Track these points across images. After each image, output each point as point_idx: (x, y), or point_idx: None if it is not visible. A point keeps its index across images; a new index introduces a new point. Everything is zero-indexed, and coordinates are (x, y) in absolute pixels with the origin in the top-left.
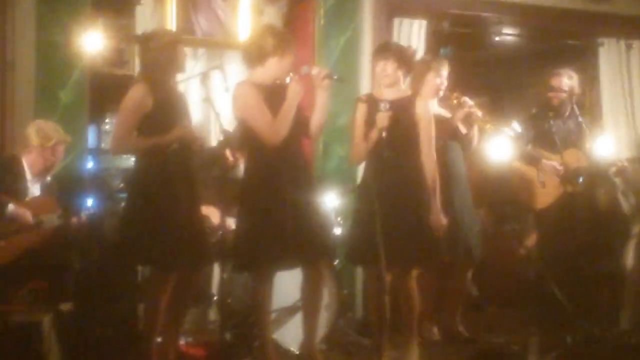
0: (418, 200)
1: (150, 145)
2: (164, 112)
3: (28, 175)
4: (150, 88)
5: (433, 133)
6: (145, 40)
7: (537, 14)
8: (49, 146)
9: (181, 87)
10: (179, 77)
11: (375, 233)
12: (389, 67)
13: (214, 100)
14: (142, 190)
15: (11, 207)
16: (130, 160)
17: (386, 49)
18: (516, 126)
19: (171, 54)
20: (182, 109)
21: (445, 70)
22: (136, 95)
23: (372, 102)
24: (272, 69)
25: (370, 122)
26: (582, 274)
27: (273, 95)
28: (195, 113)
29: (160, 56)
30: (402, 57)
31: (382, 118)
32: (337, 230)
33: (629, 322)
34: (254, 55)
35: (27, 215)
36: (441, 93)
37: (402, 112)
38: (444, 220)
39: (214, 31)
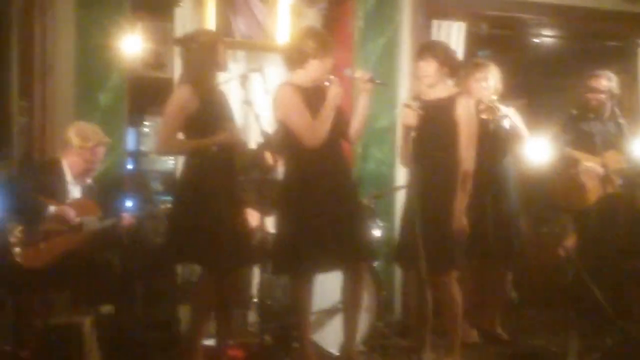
0: (449, 202)
1: (195, 147)
2: (209, 113)
3: (68, 177)
4: (194, 89)
5: (474, 133)
6: (187, 42)
7: (575, 16)
8: (88, 148)
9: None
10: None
11: (414, 235)
12: (429, 68)
13: (253, 102)
14: (186, 191)
15: (52, 209)
16: (168, 163)
17: (426, 49)
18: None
19: (212, 54)
20: (226, 110)
21: (489, 72)
22: (181, 97)
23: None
24: (312, 70)
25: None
26: (622, 276)
27: (313, 97)
28: (235, 115)
29: (202, 57)
30: (443, 57)
31: (412, 118)
32: (377, 232)
33: None
34: (295, 57)
35: (69, 216)
36: (486, 97)
37: (439, 112)
38: (464, 223)
39: (252, 33)
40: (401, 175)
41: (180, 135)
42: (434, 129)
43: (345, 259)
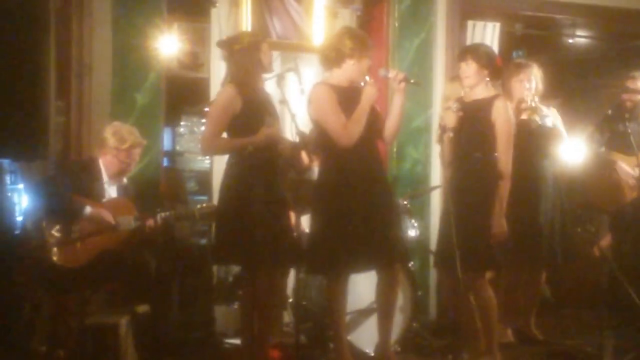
0: (485, 203)
1: (239, 146)
2: (253, 113)
3: (104, 177)
4: (238, 90)
5: (510, 136)
6: (231, 44)
7: (610, 16)
8: (124, 148)
9: None
10: None
11: (451, 235)
12: (469, 69)
13: (289, 101)
14: (227, 191)
15: (88, 208)
16: (204, 163)
17: (467, 51)
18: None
19: (256, 55)
20: (270, 110)
21: (532, 73)
22: (226, 97)
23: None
24: (348, 71)
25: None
26: None
27: (349, 97)
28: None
29: (246, 58)
30: (485, 59)
31: (450, 118)
32: (412, 232)
33: None
34: (331, 57)
35: (107, 216)
36: (529, 97)
37: (477, 113)
38: (504, 226)
39: (288, 33)
40: (436, 175)
41: (225, 135)
42: (471, 130)
43: (380, 260)
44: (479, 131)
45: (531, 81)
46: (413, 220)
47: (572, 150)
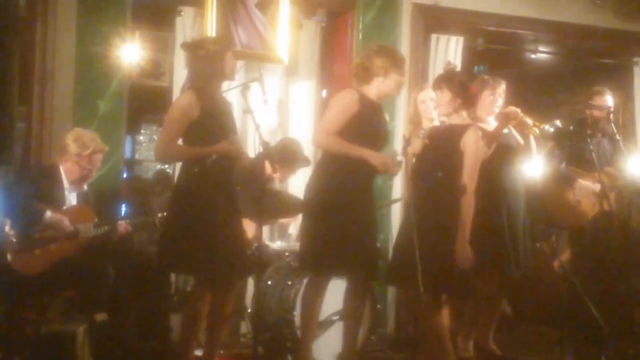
0: (448, 230)
1: (195, 154)
2: (210, 121)
3: (65, 183)
4: (197, 96)
5: (477, 165)
6: (195, 48)
7: (572, 33)
8: (85, 155)
9: None
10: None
11: (411, 251)
12: (443, 97)
13: (253, 111)
14: (183, 200)
15: (48, 214)
16: (164, 171)
17: (442, 79)
18: (558, 123)
19: (219, 64)
20: (229, 119)
21: (501, 89)
22: (184, 103)
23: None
24: (376, 87)
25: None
26: (616, 293)
27: (372, 110)
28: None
29: (208, 65)
30: (457, 87)
31: (415, 145)
32: None
33: None
34: (361, 75)
35: (65, 223)
36: (496, 110)
37: (447, 136)
38: (469, 254)
39: (253, 43)
40: (397, 187)
41: (181, 142)
42: (438, 153)
43: (369, 269)
44: (445, 154)
45: (497, 96)
46: None
47: (533, 165)
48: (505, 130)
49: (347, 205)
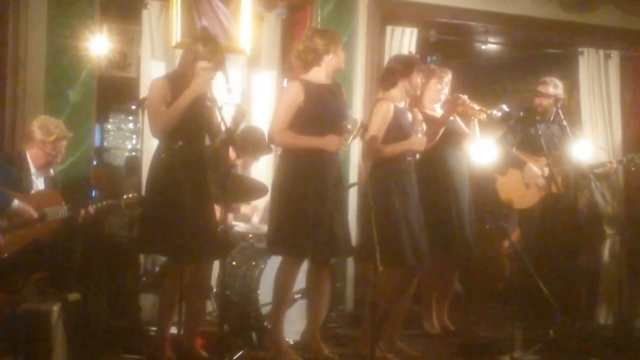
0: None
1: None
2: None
3: (32, 168)
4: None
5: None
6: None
7: (521, 24)
8: (50, 141)
9: None
10: None
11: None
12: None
13: (216, 100)
14: (155, 183)
15: (15, 203)
16: (131, 158)
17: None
18: (505, 107)
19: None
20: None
21: (447, 78)
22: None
23: None
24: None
25: None
26: (563, 271)
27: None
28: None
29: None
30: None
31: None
32: None
33: (605, 317)
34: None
35: (30, 211)
36: (442, 97)
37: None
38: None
39: (217, 35)
40: (354, 172)
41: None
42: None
43: (340, 250)
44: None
45: (444, 84)
46: None
47: (484, 150)
48: (451, 118)
49: (312, 189)
